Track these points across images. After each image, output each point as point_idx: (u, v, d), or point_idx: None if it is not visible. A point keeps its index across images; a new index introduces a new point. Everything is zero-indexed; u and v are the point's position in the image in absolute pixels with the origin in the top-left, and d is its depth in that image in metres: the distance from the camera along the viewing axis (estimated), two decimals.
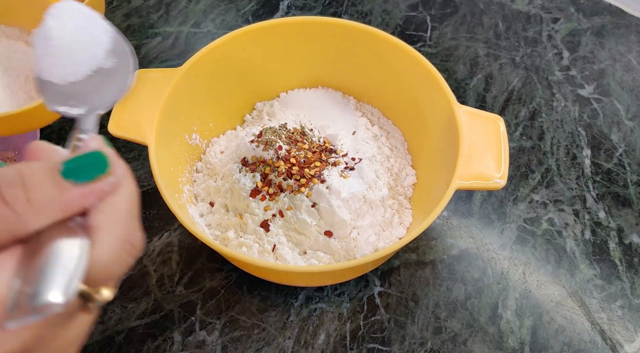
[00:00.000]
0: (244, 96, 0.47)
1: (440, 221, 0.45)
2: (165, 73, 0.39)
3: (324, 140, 0.44)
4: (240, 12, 0.62)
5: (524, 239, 0.44)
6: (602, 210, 0.46)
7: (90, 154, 0.17)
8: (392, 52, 0.42)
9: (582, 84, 0.55)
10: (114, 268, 0.17)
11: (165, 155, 0.38)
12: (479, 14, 0.62)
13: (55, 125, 0.51)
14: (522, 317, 0.40)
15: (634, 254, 0.44)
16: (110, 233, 0.17)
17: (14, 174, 0.16)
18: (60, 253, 0.16)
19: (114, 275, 0.17)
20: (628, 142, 0.51)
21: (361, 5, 0.62)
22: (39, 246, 0.16)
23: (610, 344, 0.39)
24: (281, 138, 0.42)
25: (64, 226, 0.17)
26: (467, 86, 0.55)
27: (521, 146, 0.50)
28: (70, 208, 0.17)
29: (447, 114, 0.38)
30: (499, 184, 0.34)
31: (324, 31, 0.43)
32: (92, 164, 0.17)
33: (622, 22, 0.61)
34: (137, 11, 0.61)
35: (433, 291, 0.42)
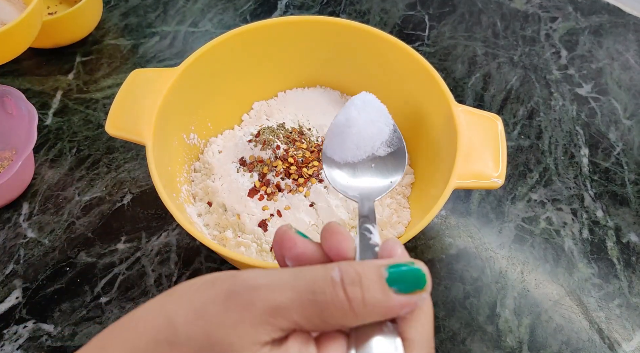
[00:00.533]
0: (242, 96, 0.47)
1: (439, 221, 0.45)
2: (162, 72, 0.39)
3: (322, 139, 0.44)
4: (238, 12, 0.61)
5: (522, 238, 0.44)
6: (600, 209, 0.46)
7: (413, 269, 0.20)
8: (390, 51, 0.42)
9: (580, 83, 0.55)
10: None
11: (163, 155, 0.38)
12: (477, 13, 0.62)
13: (52, 126, 0.51)
14: (521, 316, 0.40)
15: (631, 253, 0.44)
16: (422, 348, 0.20)
17: (354, 273, 0.19)
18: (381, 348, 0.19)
19: None
20: (626, 141, 0.51)
21: (359, 5, 0.62)
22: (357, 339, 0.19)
23: (608, 343, 0.39)
24: (279, 137, 0.42)
25: (379, 326, 0.20)
26: (465, 85, 0.55)
27: (519, 145, 0.50)
28: (388, 313, 0.19)
29: (445, 113, 0.38)
30: (497, 183, 0.34)
31: (322, 30, 0.43)
32: (413, 278, 0.20)
33: (620, 21, 0.61)
34: (134, 10, 0.61)
35: (431, 290, 0.42)
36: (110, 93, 0.53)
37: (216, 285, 0.20)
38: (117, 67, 0.56)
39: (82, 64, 0.56)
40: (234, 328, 0.19)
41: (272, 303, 0.19)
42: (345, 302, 0.19)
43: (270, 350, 0.19)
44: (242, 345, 0.19)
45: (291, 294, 0.19)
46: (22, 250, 0.43)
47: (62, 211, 0.45)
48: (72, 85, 0.54)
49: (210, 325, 0.19)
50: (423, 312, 0.20)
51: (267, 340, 0.19)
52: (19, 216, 0.45)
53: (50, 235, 0.44)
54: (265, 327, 0.19)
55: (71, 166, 0.48)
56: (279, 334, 0.19)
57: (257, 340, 0.19)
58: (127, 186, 0.47)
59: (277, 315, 0.19)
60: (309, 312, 0.19)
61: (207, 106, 0.44)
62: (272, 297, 0.19)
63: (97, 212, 0.45)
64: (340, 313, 0.19)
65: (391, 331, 0.20)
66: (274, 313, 0.19)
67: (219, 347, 0.19)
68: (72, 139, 0.50)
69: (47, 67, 0.56)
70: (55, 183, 0.47)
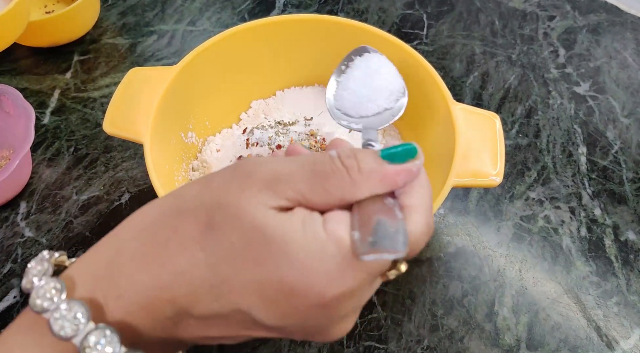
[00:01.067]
0: (240, 94, 0.47)
1: (437, 219, 0.45)
2: (160, 71, 0.39)
3: (322, 138, 0.44)
4: (236, 10, 0.61)
5: (520, 236, 0.44)
6: (598, 207, 0.46)
7: (403, 145, 0.21)
8: (389, 50, 0.42)
9: (578, 82, 0.55)
10: (418, 245, 0.21)
11: (160, 154, 0.38)
12: (475, 12, 0.62)
13: (50, 124, 0.51)
14: (519, 314, 0.40)
15: (629, 251, 0.44)
16: (420, 213, 0.21)
17: (349, 151, 0.21)
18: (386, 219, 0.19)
19: (415, 251, 0.21)
20: (624, 139, 0.51)
21: (357, 3, 0.62)
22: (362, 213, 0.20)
23: (606, 341, 0.40)
24: (279, 135, 0.42)
25: (380, 201, 0.20)
26: (464, 84, 0.55)
27: (517, 143, 0.50)
28: (386, 181, 0.20)
29: (443, 111, 0.38)
30: (495, 181, 0.34)
31: (320, 29, 0.43)
32: (404, 152, 0.21)
33: (618, 20, 0.61)
34: (132, 9, 0.61)
35: (430, 288, 0.42)
36: (108, 92, 0.53)
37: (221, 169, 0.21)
38: (114, 66, 0.56)
39: (80, 63, 0.56)
40: (241, 192, 0.20)
41: (275, 172, 0.20)
42: (343, 170, 0.20)
43: (276, 213, 0.19)
44: (250, 205, 0.19)
45: (294, 166, 0.20)
46: (19, 249, 0.43)
47: (60, 210, 0.45)
48: (69, 84, 0.54)
49: (218, 191, 0.20)
50: (419, 182, 0.21)
51: (273, 205, 0.19)
52: (16, 215, 0.45)
53: (47, 234, 0.44)
54: (269, 193, 0.20)
55: (69, 165, 0.48)
56: (285, 203, 0.20)
57: (264, 203, 0.19)
58: (125, 185, 0.47)
59: (280, 182, 0.20)
60: (311, 181, 0.20)
61: (205, 105, 0.44)
62: (275, 167, 0.20)
63: (95, 211, 0.45)
64: (340, 181, 0.20)
65: (391, 203, 0.21)
66: (278, 181, 0.20)
67: (227, 208, 0.19)
68: (70, 138, 0.50)
69: (45, 66, 0.56)
70: (52, 182, 0.47)
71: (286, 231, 0.19)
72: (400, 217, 0.20)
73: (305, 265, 0.19)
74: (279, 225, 0.19)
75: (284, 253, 0.19)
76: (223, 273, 0.19)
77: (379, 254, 0.18)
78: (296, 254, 0.19)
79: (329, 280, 0.19)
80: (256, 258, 0.19)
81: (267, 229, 0.19)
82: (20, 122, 0.44)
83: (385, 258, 0.18)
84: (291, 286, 0.19)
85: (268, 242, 0.19)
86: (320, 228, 0.19)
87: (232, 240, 0.19)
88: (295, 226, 0.19)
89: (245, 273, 0.19)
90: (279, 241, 0.19)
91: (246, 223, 0.19)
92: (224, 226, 0.19)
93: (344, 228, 0.19)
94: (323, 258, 0.19)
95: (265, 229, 0.19)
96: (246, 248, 0.19)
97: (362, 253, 0.18)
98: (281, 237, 0.19)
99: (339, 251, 0.19)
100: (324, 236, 0.19)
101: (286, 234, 0.19)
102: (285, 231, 0.19)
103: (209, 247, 0.19)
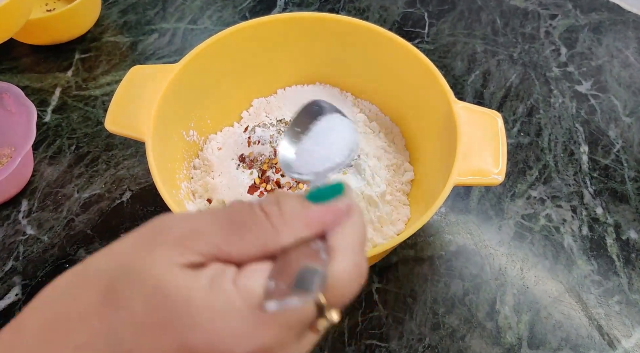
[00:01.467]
0: (241, 93, 0.47)
1: (438, 218, 0.45)
2: (162, 70, 0.39)
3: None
4: (238, 9, 0.61)
5: (522, 235, 0.44)
6: (600, 206, 0.46)
7: (329, 184, 0.20)
8: (390, 48, 0.42)
9: (580, 81, 0.55)
10: (345, 290, 0.19)
11: (162, 152, 0.38)
12: (476, 11, 0.61)
13: (51, 123, 0.51)
14: (520, 313, 0.40)
15: (631, 250, 0.44)
16: (345, 255, 0.19)
17: (272, 197, 0.20)
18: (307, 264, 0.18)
19: (344, 297, 0.19)
20: (625, 138, 0.51)
21: (359, 2, 0.62)
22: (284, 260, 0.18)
23: (608, 339, 0.40)
24: (280, 133, 0.42)
25: (308, 248, 0.19)
26: (465, 83, 0.55)
27: (519, 142, 0.50)
28: (311, 223, 0.19)
29: (445, 110, 0.38)
30: (497, 180, 0.34)
31: (321, 27, 0.43)
32: (330, 190, 0.20)
33: (619, 19, 0.61)
34: (133, 7, 0.61)
35: (431, 287, 0.42)
36: (109, 90, 0.53)
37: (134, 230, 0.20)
38: (116, 64, 0.56)
39: (81, 61, 0.56)
40: (147, 253, 0.18)
41: (188, 227, 0.19)
42: (262, 216, 0.19)
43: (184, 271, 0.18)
44: (155, 265, 0.18)
45: (209, 218, 0.19)
46: (21, 247, 0.43)
47: (62, 208, 0.45)
48: (70, 82, 0.54)
49: (123, 254, 0.19)
50: (350, 221, 0.20)
51: (183, 262, 0.18)
52: (18, 213, 0.45)
53: (49, 231, 0.44)
54: (179, 249, 0.18)
55: (70, 163, 0.48)
56: (197, 258, 0.18)
57: (172, 260, 0.18)
58: (126, 183, 0.47)
59: (192, 237, 0.18)
60: (226, 232, 0.18)
61: (206, 103, 0.44)
62: (188, 222, 0.19)
63: (97, 209, 0.45)
64: (259, 229, 0.18)
65: (318, 246, 0.19)
66: (190, 236, 0.18)
67: (130, 272, 0.18)
68: (71, 136, 0.50)
69: (46, 64, 0.56)
70: (54, 180, 0.47)
71: (190, 290, 0.17)
72: (324, 259, 0.18)
73: (209, 325, 0.17)
74: (183, 285, 0.17)
75: (186, 314, 0.17)
76: (125, 344, 0.17)
77: (282, 301, 0.16)
78: (199, 314, 0.17)
79: (235, 339, 0.17)
80: (159, 324, 0.17)
81: (170, 292, 0.17)
82: (22, 121, 0.44)
83: (292, 306, 0.17)
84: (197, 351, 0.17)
85: (171, 306, 0.17)
86: (229, 283, 0.17)
87: (134, 306, 0.17)
88: (200, 284, 0.17)
89: (149, 341, 0.17)
90: (181, 302, 0.17)
91: (149, 286, 0.17)
92: (125, 292, 0.18)
93: (257, 279, 0.18)
94: (228, 315, 0.17)
95: (168, 292, 0.17)
96: (148, 314, 0.17)
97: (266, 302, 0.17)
98: (184, 297, 0.17)
99: (245, 304, 0.17)
100: (231, 290, 0.17)
101: (190, 295, 0.17)
102: (189, 291, 0.17)
103: (108, 317, 0.18)
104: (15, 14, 0.45)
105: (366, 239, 0.21)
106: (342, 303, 0.19)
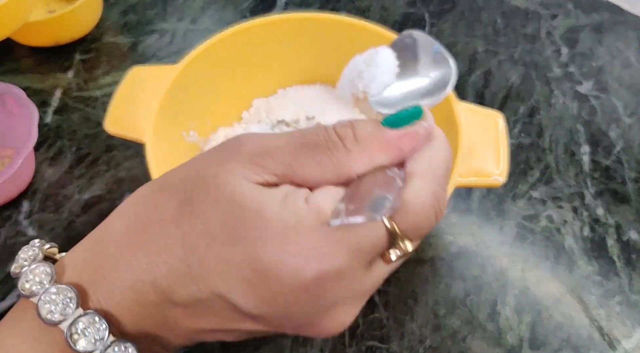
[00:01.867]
0: (242, 93, 0.47)
1: None
2: (162, 70, 0.39)
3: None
4: (238, 9, 0.61)
5: (523, 236, 0.44)
6: (601, 207, 0.46)
7: (407, 108, 0.19)
8: None
9: (581, 81, 0.55)
10: (419, 217, 0.17)
11: (162, 153, 0.38)
12: (477, 11, 0.61)
13: (52, 124, 0.51)
14: (521, 314, 0.40)
15: (631, 250, 0.44)
16: (422, 180, 0.18)
17: (346, 121, 0.18)
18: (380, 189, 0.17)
19: (418, 226, 0.18)
20: (626, 139, 0.51)
21: (359, 2, 0.62)
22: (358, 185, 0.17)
23: (608, 340, 0.39)
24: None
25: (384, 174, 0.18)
26: (466, 83, 0.55)
27: (520, 143, 0.50)
28: (387, 149, 0.18)
29: (446, 110, 0.38)
30: (498, 181, 0.34)
31: (322, 27, 0.43)
32: (408, 115, 0.18)
33: (620, 19, 0.61)
34: (133, 8, 0.61)
35: (432, 288, 0.42)
36: (109, 91, 0.53)
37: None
38: (116, 65, 0.56)
39: (82, 62, 0.56)
40: (223, 166, 0.18)
41: (263, 146, 0.18)
42: (337, 139, 0.18)
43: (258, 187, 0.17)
44: (230, 178, 0.18)
45: (284, 139, 0.18)
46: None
47: (62, 209, 0.45)
48: (71, 83, 0.54)
49: (202, 165, 0.19)
50: (430, 146, 0.19)
51: (257, 179, 0.18)
52: (19, 214, 0.45)
53: (50, 233, 0.44)
54: (254, 167, 0.18)
55: (71, 164, 0.48)
56: (271, 178, 0.18)
57: (246, 177, 0.18)
58: (126, 185, 0.47)
59: (267, 156, 0.18)
60: (300, 153, 0.18)
61: (206, 104, 0.44)
62: (264, 141, 0.18)
63: (97, 210, 0.45)
64: (334, 152, 0.18)
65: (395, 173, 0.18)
66: (264, 154, 0.18)
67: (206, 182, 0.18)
68: (72, 137, 0.50)
69: (47, 65, 0.56)
70: (55, 181, 0.47)
71: (264, 205, 0.17)
72: (399, 185, 0.17)
73: (280, 241, 0.16)
74: (257, 198, 0.17)
75: (258, 228, 0.17)
76: (199, 252, 0.17)
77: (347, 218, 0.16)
78: (271, 229, 0.17)
79: (306, 256, 0.16)
80: (232, 235, 0.17)
81: (244, 203, 0.17)
82: (23, 122, 0.44)
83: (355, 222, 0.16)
84: (266, 266, 0.16)
85: (244, 217, 0.17)
86: (302, 201, 0.17)
87: (208, 215, 0.17)
88: (274, 200, 0.17)
89: (221, 252, 0.17)
90: (254, 216, 0.17)
91: (224, 198, 0.17)
92: (201, 200, 0.18)
93: (329, 200, 0.17)
94: (298, 231, 0.16)
95: (242, 203, 0.17)
96: (222, 225, 0.17)
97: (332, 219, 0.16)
98: (257, 211, 0.17)
99: (318, 223, 0.17)
100: (303, 208, 0.17)
101: (263, 208, 0.17)
102: (263, 205, 0.17)
103: (184, 224, 0.18)
104: (14, 13, 0.45)
105: (450, 168, 0.19)
106: (418, 233, 0.18)
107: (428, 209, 0.18)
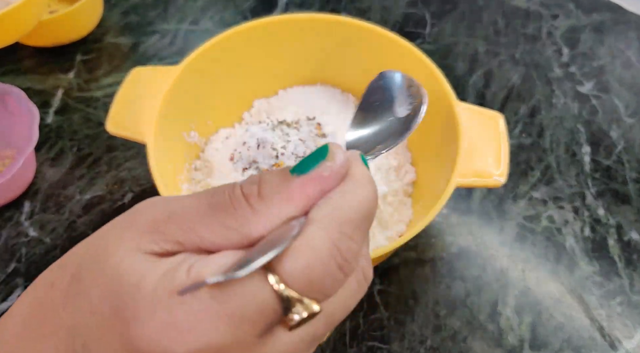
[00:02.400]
0: (243, 94, 0.47)
1: (440, 219, 0.45)
2: (163, 71, 0.39)
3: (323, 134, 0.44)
4: (239, 10, 0.61)
5: (524, 236, 0.44)
6: (602, 207, 0.46)
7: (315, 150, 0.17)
8: (391, 48, 0.42)
9: (582, 81, 0.55)
10: (313, 270, 0.15)
11: (163, 153, 0.38)
12: (478, 11, 0.61)
13: (53, 124, 0.51)
14: (522, 314, 0.40)
15: (632, 251, 0.44)
16: (320, 227, 0.15)
17: (257, 176, 0.17)
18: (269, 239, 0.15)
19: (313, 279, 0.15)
20: (627, 139, 0.51)
21: (360, 2, 0.62)
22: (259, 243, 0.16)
23: (609, 340, 0.39)
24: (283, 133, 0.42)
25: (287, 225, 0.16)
26: (467, 83, 0.55)
27: (521, 143, 0.50)
28: (293, 199, 0.16)
29: (446, 110, 0.38)
30: (499, 181, 0.34)
31: (322, 28, 0.43)
32: (312, 157, 0.17)
33: (621, 19, 0.61)
34: (134, 9, 0.61)
35: (432, 289, 0.42)
36: (110, 92, 0.53)
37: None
38: (117, 65, 0.56)
39: (83, 62, 0.56)
40: (118, 238, 0.17)
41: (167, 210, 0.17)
42: (241, 198, 0.16)
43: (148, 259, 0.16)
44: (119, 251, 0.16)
45: (189, 202, 0.17)
46: (23, 249, 0.43)
47: (64, 209, 0.45)
48: (72, 84, 0.54)
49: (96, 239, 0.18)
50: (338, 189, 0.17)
51: (153, 249, 0.16)
52: (20, 214, 0.45)
53: (51, 233, 0.44)
54: (151, 236, 0.16)
55: (72, 165, 0.48)
56: (173, 246, 0.16)
57: (140, 247, 0.16)
58: (127, 185, 0.47)
59: (170, 221, 0.16)
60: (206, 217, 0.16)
61: (207, 104, 0.44)
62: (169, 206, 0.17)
63: (98, 210, 0.45)
64: (239, 213, 0.16)
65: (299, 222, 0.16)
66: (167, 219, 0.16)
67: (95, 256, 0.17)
68: (73, 137, 0.50)
69: (48, 65, 0.56)
70: (56, 182, 0.47)
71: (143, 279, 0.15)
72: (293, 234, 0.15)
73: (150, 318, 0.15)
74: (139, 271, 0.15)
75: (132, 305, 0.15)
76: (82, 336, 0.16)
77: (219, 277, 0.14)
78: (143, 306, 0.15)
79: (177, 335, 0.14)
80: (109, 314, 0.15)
81: (125, 278, 0.15)
82: (25, 122, 0.44)
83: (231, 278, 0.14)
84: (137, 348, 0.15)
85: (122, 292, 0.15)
86: (184, 271, 0.15)
87: (91, 293, 0.16)
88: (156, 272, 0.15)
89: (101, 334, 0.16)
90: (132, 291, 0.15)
91: (108, 272, 0.16)
92: (87, 276, 0.16)
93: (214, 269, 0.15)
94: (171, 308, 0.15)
95: (123, 278, 0.15)
96: (104, 302, 0.16)
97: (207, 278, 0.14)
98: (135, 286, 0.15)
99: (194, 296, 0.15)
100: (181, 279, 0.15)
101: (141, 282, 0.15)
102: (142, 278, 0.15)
103: (70, 305, 0.17)
104: (26, 16, 0.45)
105: (368, 211, 0.17)
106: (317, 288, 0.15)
107: (324, 258, 0.15)
